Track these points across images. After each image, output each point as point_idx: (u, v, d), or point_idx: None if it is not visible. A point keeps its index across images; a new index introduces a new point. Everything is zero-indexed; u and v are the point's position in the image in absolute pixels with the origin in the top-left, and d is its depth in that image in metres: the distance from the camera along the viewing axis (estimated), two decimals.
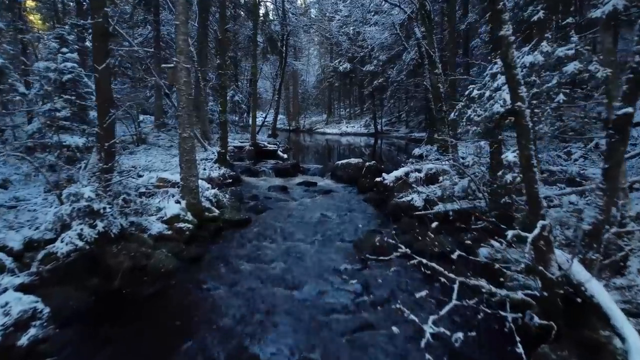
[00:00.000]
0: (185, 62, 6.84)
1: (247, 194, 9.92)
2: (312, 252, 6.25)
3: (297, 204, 9.24)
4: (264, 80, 39.09)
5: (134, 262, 5.23)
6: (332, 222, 7.81)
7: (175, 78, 6.89)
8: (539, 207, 3.42)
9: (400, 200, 8.20)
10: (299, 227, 7.47)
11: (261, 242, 6.73)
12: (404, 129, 32.61)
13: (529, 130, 3.35)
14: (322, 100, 47.13)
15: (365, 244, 6.35)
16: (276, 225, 7.58)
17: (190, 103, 6.96)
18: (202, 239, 6.60)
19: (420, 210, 7.74)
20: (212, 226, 7.04)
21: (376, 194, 9.71)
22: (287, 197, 9.88)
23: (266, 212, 8.49)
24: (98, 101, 5.55)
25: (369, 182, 10.49)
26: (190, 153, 6.94)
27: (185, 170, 6.92)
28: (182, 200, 6.91)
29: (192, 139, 6.97)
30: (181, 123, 6.89)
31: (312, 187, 10.80)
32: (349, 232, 7.18)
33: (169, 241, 6.09)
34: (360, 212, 8.53)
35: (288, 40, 22.83)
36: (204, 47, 16.96)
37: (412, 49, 19.70)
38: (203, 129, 16.59)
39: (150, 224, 6.18)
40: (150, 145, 15.48)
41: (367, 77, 34.00)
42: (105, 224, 4.92)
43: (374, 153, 22.87)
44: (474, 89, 5.13)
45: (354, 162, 11.48)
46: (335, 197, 9.90)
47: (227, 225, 7.39)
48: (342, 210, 8.62)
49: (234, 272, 5.50)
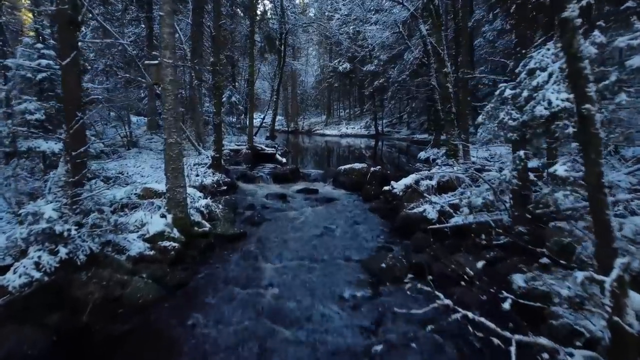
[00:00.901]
0: (171, 58, 6.06)
1: (243, 203, 9.14)
2: (315, 274, 5.47)
3: (297, 214, 8.46)
4: (262, 80, 38.31)
5: (106, 292, 4.44)
6: (336, 236, 7.03)
7: (160, 76, 6.11)
8: (610, 239, 2.64)
9: (411, 211, 7.43)
10: (299, 243, 6.69)
11: (257, 261, 5.95)
12: (405, 130, 31.89)
13: (600, 140, 2.58)
14: (321, 101, 46.39)
15: (375, 265, 5.57)
16: (274, 240, 6.80)
17: (177, 104, 6.18)
18: (190, 259, 5.81)
19: (434, 223, 6.97)
20: (202, 242, 6.26)
21: (383, 203, 8.95)
22: (286, 206, 9.10)
23: (263, 225, 7.71)
24: (64, 102, 4.78)
25: (375, 189, 9.73)
26: (177, 161, 6.15)
27: (171, 181, 6.14)
28: (167, 215, 6.12)
29: (180, 145, 6.19)
30: (167, 127, 6.11)
31: (313, 194, 10.03)
32: (356, 249, 6.41)
33: (151, 263, 5.30)
34: (366, 224, 7.76)
35: (287, 39, 22.06)
36: (198, 46, 16.18)
37: (416, 48, 18.97)
38: (197, 132, 15.80)
39: (130, 243, 5.40)
40: (142, 149, 14.68)
41: (367, 77, 33.25)
42: (71, 249, 4.13)
43: (375, 155, 22.13)
44: (505, 87, 4.36)
45: (358, 167, 10.71)
46: (338, 206, 9.12)
47: (219, 241, 6.61)
48: (347, 222, 7.84)
49: (224, 301, 4.71)
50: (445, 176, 8.30)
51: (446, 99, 11.28)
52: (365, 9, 28.84)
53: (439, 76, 11.58)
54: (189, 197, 7.94)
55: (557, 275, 4.50)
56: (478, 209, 7.21)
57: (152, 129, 18.31)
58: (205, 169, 11.27)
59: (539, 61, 4.01)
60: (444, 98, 11.37)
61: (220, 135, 11.19)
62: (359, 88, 39.70)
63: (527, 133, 4.15)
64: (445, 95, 11.29)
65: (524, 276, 4.50)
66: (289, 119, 41.21)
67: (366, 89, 33.64)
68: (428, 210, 7.29)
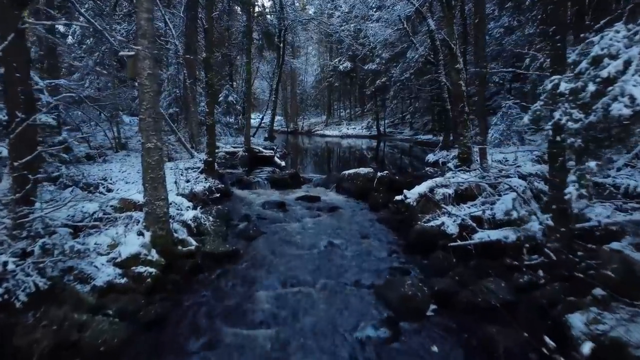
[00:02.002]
0: (150, 48, 5.16)
1: (237, 213, 8.24)
2: (319, 307, 4.56)
3: (297, 226, 7.56)
4: (261, 80, 37.43)
5: (58, 337, 3.53)
6: (342, 253, 6.13)
7: (137, 70, 5.21)
8: None
9: (427, 224, 6.52)
10: (300, 263, 5.78)
11: (250, 287, 5.05)
12: (408, 130, 31.01)
13: None
14: (322, 101, 45.51)
15: (391, 293, 4.67)
16: (270, 260, 5.90)
17: (156, 102, 5.28)
18: (171, 286, 4.90)
19: (454, 238, 6.07)
20: (186, 264, 5.35)
21: (392, 212, 8.05)
22: (285, 216, 8.19)
23: (259, 239, 6.81)
24: (4, 99, 3.89)
25: (382, 197, 8.83)
26: (157, 169, 5.25)
27: (150, 192, 5.23)
28: (145, 232, 5.22)
29: (160, 150, 5.29)
30: (144, 129, 5.21)
31: (314, 202, 9.13)
32: (366, 271, 5.50)
33: (122, 294, 4.40)
34: (376, 238, 6.85)
35: (286, 36, 21.15)
36: (192, 42, 15.28)
37: (421, 45, 18.08)
38: (191, 133, 14.90)
39: (97, 269, 4.49)
40: (131, 151, 13.77)
41: (368, 76, 32.40)
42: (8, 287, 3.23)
43: (377, 156, 21.23)
44: (559, 80, 3.47)
45: (363, 172, 9.81)
46: (343, 216, 8.22)
47: (208, 261, 5.70)
48: (353, 236, 6.94)
49: (205, 346, 3.81)
50: (465, 183, 7.40)
51: (459, 97, 10.40)
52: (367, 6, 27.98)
53: (451, 73, 10.70)
54: (175, 208, 7.06)
55: (623, 315, 3.62)
56: (504, 223, 6.32)
57: None
58: (197, 174, 10.37)
59: (606, 47, 3.13)
60: (457, 97, 10.48)
61: (213, 137, 10.29)
62: (360, 87, 38.83)
63: (592, 137, 3.24)
64: (458, 94, 10.40)
65: (582, 317, 3.59)
66: (288, 119, 40.33)
67: (367, 89, 32.78)
68: (447, 224, 6.38)
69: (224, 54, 23.85)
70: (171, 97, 20.57)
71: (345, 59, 35.44)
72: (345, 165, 16.97)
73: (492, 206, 6.72)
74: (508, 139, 14.41)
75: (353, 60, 35.44)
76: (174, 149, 13.47)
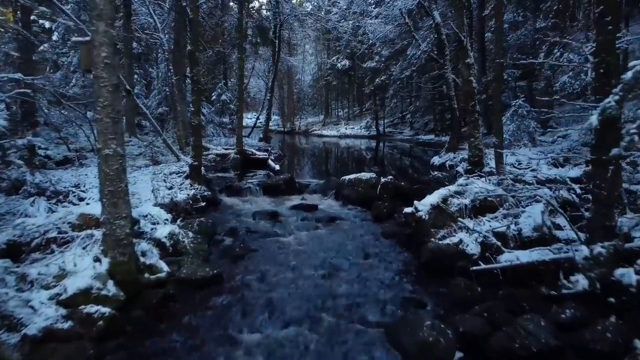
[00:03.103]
0: (108, 33, 4.19)
1: (223, 226, 7.27)
2: (315, 354, 3.62)
3: (291, 241, 6.61)
4: (257, 79, 36.44)
5: None
6: (344, 278, 5.17)
7: (91, 59, 4.24)
8: None
9: (442, 242, 5.59)
10: (292, 291, 4.83)
11: (232, 326, 4.09)
12: (408, 130, 30.13)
13: None
14: (319, 100, 44.59)
15: (407, 337, 3.72)
16: (259, 287, 4.94)
17: (116, 99, 4.30)
18: (131, 327, 3.93)
19: (475, 259, 5.13)
20: (155, 296, 4.39)
21: (400, 225, 7.13)
22: (278, 229, 7.23)
23: (246, 259, 5.85)
24: None
25: (387, 206, 7.89)
26: (117, 180, 4.28)
27: (108, 209, 4.27)
28: (103, 258, 4.25)
29: (120, 157, 4.32)
30: (101, 132, 4.24)
31: (311, 212, 8.18)
32: (373, 302, 4.55)
33: (64, 342, 3.44)
34: (382, 257, 5.90)
35: (281, 32, 20.17)
36: (181, 37, 14.30)
37: (424, 40, 17.15)
38: (179, 134, 13.92)
39: (33, 311, 3.53)
40: None
41: (367, 74, 31.50)
42: None
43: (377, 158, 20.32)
44: None
45: (365, 177, 8.86)
46: (343, 228, 7.27)
47: (183, 289, 4.75)
48: (356, 255, 5.99)
49: None
50: (483, 192, 6.46)
51: (469, 95, 9.47)
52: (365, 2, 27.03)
53: (461, 68, 9.77)
54: (150, 222, 6.11)
55: None
56: (533, 241, 5.40)
57: (130, 130, 16.40)
58: (182, 180, 9.41)
59: None
60: (467, 94, 9.55)
61: (199, 138, 9.32)
62: (359, 86, 37.94)
63: None
64: (468, 91, 9.47)
65: None
66: (285, 119, 39.38)
67: (366, 87, 31.88)
68: (466, 242, 5.45)
69: (217, 51, 22.87)
70: (161, 96, 19.58)
71: (344, 57, 34.52)
72: (344, 169, 16.04)
73: (517, 220, 5.79)
74: (518, 139, 13.54)
75: (351, 58, 34.53)
76: (160, 152, 12.49)
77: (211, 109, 22.72)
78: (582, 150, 12.07)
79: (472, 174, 9.55)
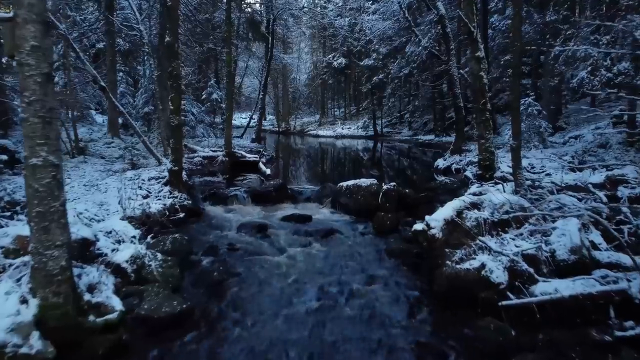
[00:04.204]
0: (37, 8, 3.22)
1: (203, 242, 6.30)
2: None
3: (280, 261, 5.65)
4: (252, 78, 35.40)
5: None
6: (343, 316, 4.20)
7: (16, 41, 3.26)
8: None
9: (460, 267, 4.65)
10: (279, 331, 3.88)
11: None
12: (407, 130, 29.27)
13: None
14: (315, 99, 43.63)
15: None
16: (239, 326, 3.99)
17: (47, 93, 3.32)
18: None
19: (503, 290, 4.20)
20: (101, 345, 3.43)
21: (406, 241, 6.22)
22: (266, 245, 6.27)
23: (226, 286, 4.88)
24: None
25: (391, 218, 6.96)
26: (49, 198, 3.30)
27: (37, 235, 3.29)
28: (31, 299, 3.28)
29: (53, 168, 3.34)
30: (27, 136, 3.26)
31: (304, 224, 7.23)
32: (379, 350, 3.60)
33: None
34: (388, 284, 4.94)
35: (274, 26, 19.18)
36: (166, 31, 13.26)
37: (425, 36, 16.24)
38: (164, 135, 12.89)
39: None
40: (91, 157, 11.76)
41: (364, 73, 30.61)
42: None
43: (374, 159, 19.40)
44: None
45: (365, 184, 7.92)
46: (341, 245, 6.32)
47: (140, 334, 3.78)
48: (357, 280, 5.04)
49: None
50: (505, 203, 5.53)
51: (480, 92, 8.55)
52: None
53: (470, 62, 8.85)
54: (112, 241, 5.14)
55: None
56: (570, 266, 4.48)
57: (113, 130, 15.38)
58: (161, 187, 8.42)
59: None
60: (477, 91, 8.63)
61: (180, 140, 8.34)
62: (355, 85, 37.04)
63: None
64: (479, 88, 8.55)
65: None
66: (280, 119, 38.41)
67: (363, 86, 31.00)
68: (489, 267, 4.51)
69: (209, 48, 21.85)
70: (147, 94, 18.53)
71: (340, 55, 33.59)
72: (341, 172, 15.10)
73: (548, 238, 4.88)
74: (528, 140, 12.66)
75: (348, 56, 33.62)
76: (142, 154, 11.47)
77: (201, 108, 21.71)
78: (599, 152, 11.24)
79: (483, 179, 8.66)
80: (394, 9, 22.64)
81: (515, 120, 6.94)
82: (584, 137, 12.41)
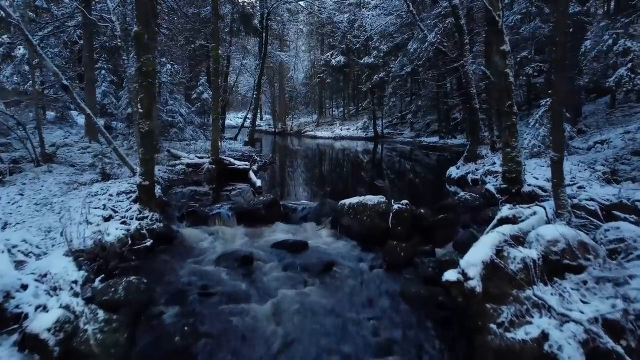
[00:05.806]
0: None
1: (170, 283, 4.98)
2: None
3: (267, 312, 4.35)
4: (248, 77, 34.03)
5: None
6: None
7: None
8: None
9: (510, 336, 3.36)
10: None
11: None
12: (409, 132, 27.99)
13: None
14: (312, 99, 42.31)
15: None
16: None
17: None
18: None
19: None
20: None
21: (425, 279, 4.94)
22: (250, 286, 4.97)
23: (191, 355, 3.58)
24: None
25: (405, 248, 5.65)
26: None
27: None
28: None
29: None
30: None
31: (299, 254, 5.91)
32: None
33: None
34: (410, 352, 3.66)
35: (269, 21, 17.85)
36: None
37: (431, 31, 14.94)
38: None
39: None
40: (59, 165, 10.40)
41: (364, 71, 29.31)
42: None
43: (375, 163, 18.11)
44: None
45: (372, 202, 6.61)
46: (344, 285, 5.02)
47: None
48: (367, 345, 3.74)
49: None
50: (555, 240, 4.24)
51: (507, 92, 7.26)
52: None
53: (495, 58, 7.54)
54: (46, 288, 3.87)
55: None
56: None
57: (91, 134, 14.03)
58: (129, 204, 7.11)
59: None
60: (504, 91, 7.33)
61: (150, 150, 7.04)
62: (355, 84, 35.73)
63: None
64: (505, 88, 7.25)
65: None
66: (276, 119, 37.11)
67: (363, 85, 29.68)
68: (554, 338, 3.23)
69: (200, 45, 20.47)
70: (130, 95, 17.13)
71: (339, 53, 32.27)
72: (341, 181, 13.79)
73: (629, 291, 3.59)
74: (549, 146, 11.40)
75: (347, 54, 32.33)
76: (117, 163, 10.13)
77: (191, 108, 20.37)
78: (633, 160, 9.98)
79: (509, 194, 7.38)
80: (396, 3, 21.35)
81: (557, 128, 5.65)
82: (612, 142, 11.13)
